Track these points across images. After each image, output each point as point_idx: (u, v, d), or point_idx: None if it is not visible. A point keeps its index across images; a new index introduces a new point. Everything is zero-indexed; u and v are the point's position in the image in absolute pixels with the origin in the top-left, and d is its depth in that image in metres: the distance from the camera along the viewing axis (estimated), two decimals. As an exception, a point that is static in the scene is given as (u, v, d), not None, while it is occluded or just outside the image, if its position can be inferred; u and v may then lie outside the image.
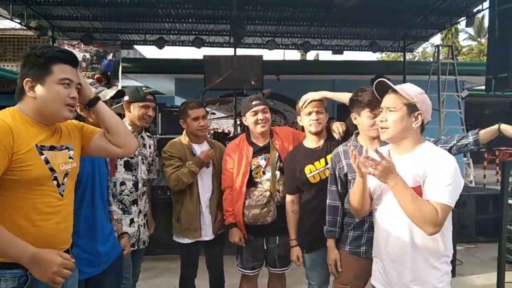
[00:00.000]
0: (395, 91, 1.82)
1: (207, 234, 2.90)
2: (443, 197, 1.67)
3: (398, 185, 1.69)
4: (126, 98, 2.80)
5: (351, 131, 2.57)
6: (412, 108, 1.79)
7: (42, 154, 1.58)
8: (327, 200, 2.45)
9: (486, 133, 2.34)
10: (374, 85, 1.91)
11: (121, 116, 2.86)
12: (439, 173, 1.69)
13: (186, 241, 2.90)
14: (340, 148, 2.44)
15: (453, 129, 8.71)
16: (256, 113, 2.77)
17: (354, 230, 2.37)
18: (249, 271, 2.85)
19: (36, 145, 1.57)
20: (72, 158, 1.71)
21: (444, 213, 1.66)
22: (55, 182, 1.61)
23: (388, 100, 1.85)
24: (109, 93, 2.14)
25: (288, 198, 2.73)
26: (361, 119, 2.32)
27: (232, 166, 2.82)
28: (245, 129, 3.01)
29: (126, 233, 2.51)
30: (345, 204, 2.39)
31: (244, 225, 2.77)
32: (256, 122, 2.77)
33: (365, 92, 2.30)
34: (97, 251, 2.04)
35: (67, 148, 1.71)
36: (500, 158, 11.78)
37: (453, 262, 3.44)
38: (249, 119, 2.80)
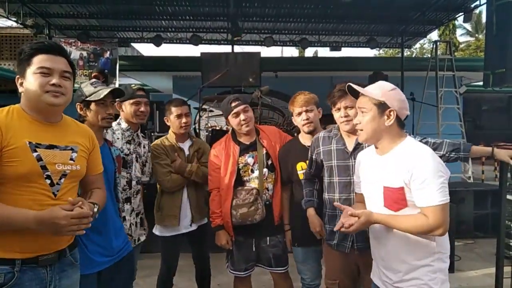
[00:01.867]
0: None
1: (186, 225, 2.96)
2: (433, 199, 1.65)
3: (382, 222, 1.77)
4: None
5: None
6: (382, 106, 1.77)
7: (35, 151, 1.57)
8: (303, 180, 2.60)
9: (479, 152, 2.40)
10: (346, 88, 1.94)
11: (117, 115, 2.85)
12: (423, 174, 1.67)
13: (166, 233, 2.95)
14: (321, 134, 2.52)
15: (452, 125, 8.72)
16: (237, 114, 2.72)
17: (329, 223, 2.42)
18: (241, 273, 2.81)
19: (30, 142, 1.57)
20: (74, 160, 1.70)
21: (440, 213, 1.65)
22: (48, 181, 1.59)
23: (360, 101, 1.85)
24: (104, 92, 2.13)
25: (283, 187, 2.83)
26: (334, 115, 2.42)
27: (219, 166, 2.77)
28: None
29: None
30: (325, 194, 2.45)
31: (232, 226, 2.73)
32: (239, 124, 2.72)
33: (334, 88, 2.38)
34: (111, 245, 2.09)
35: (71, 149, 1.71)
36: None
37: (451, 258, 3.45)
38: (232, 122, 2.75)
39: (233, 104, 2.72)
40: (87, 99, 2.13)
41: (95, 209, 1.70)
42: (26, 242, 1.54)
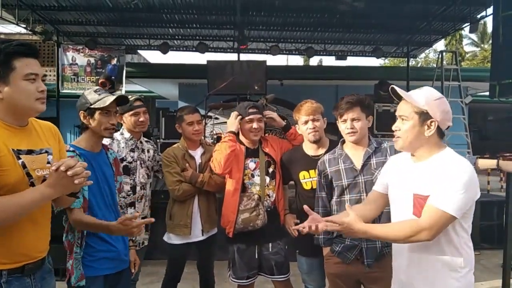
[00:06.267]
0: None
1: (197, 234, 2.95)
2: (442, 203, 1.60)
3: (367, 233, 1.71)
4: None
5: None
6: (424, 116, 1.70)
7: (19, 158, 1.52)
8: (319, 209, 2.47)
9: (484, 164, 2.40)
10: (390, 91, 1.84)
11: (120, 125, 2.91)
12: (449, 180, 1.62)
13: (176, 241, 2.95)
14: (326, 157, 2.50)
15: (457, 135, 8.69)
16: (251, 121, 2.78)
17: (338, 237, 2.41)
18: (244, 281, 2.82)
19: (13, 149, 1.51)
20: (50, 163, 1.62)
21: (436, 218, 1.60)
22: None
23: (400, 107, 1.78)
24: (110, 98, 2.09)
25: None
26: (339, 126, 2.41)
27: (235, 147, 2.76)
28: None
29: (133, 241, 2.51)
30: (334, 213, 2.42)
31: (234, 233, 2.74)
32: (250, 130, 2.79)
33: (341, 100, 2.38)
34: (116, 248, 2.12)
35: (46, 152, 1.65)
36: (504, 164, 11.69)
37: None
38: (243, 125, 2.80)
39: (250, 110, 2.79)
40: (92, 106, 2.07)
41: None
42: (14, 252, 1.53)
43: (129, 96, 2.87)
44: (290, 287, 2.87)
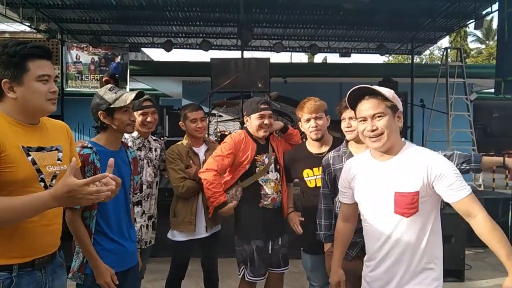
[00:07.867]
0: (373, 96, 1.76)
1: (201, 231, 2.95)
2: (464, 191, 1.66)
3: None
4: None
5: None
6: (394, 108, 1.76)
7: (29, 155, 1.55)
8: (322, 205, 2.48)
9: (490, 162, 2.39)
10: (348, 94, 1.81)
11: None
12: (445, 170, 1.67)
13: (180, 238, 2.95)
14: (331, 154, 2.50)
15: (462, 133, 8.65)
16: (262, 116, 2.77)
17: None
18: (261, 278, 2.83)
19: (23, 146, 1.54)
20: (61, 160, 1.67)
21: (475, 200, 1.68)
22: (42, 184, 1.58)
23: (370, 106, 1.75)
24: (129, 97, 2.09)
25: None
26: (342, 124, 2.42)
27: (231, 154, 2.77)
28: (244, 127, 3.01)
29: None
30: (336, 209, 2.43)
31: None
32: (260, 126, 2.77)
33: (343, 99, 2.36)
34: (124, 247, 2.12)
35: (56, 149, 1.68)
36: (510, 161, 11.62)
37: (462, 267, 3.40)
38: (253, 121, 2.80)
39: (262, 106, 2.78)
40: (112, 106, 2.06)
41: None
42: (24, 247, 1.55)
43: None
44: (283, 278, 2.94)
